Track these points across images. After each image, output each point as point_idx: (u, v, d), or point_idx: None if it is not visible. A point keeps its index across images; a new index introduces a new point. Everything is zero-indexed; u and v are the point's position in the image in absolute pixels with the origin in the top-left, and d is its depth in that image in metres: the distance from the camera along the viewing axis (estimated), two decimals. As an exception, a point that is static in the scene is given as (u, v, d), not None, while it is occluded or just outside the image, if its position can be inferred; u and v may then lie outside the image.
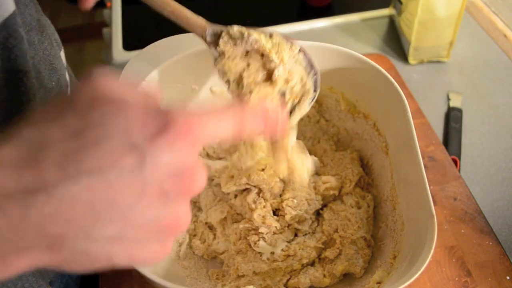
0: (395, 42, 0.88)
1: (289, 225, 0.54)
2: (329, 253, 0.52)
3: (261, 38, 0.43)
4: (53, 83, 0.47)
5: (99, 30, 1.03)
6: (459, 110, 0.75)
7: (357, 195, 0.57)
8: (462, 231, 0.58)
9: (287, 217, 0.53)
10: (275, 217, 0.54)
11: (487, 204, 0.63)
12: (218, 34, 0.43)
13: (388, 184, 0.53)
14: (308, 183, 0.56)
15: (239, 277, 0.52)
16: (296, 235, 0.55)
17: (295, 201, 0.53)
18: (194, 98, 0.60)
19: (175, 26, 0.45)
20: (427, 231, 0.41)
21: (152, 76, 0.53)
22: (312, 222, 0.56)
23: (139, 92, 0.26)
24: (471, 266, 0.55)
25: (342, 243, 0.52)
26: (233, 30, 0.43)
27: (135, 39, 0.91)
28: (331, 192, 0.56)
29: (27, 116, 0.24)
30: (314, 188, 0.56)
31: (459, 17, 0.77)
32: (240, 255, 0.53)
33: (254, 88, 0.45)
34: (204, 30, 0.43)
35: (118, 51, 0.88)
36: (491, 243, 0.57)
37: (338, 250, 0.52)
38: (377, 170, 0.57)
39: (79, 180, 0.22)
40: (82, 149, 0.22)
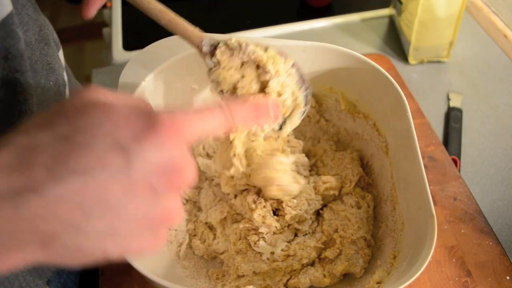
0: (395, 42, 0.88)
1: (289, 225, 0.54)
2: (329, 253, 0.52)
3: (258, 50, 0.44)
4: (51, 83, 0.47)
5: (99, 30, 1.03)
6: (459, 110, 0.75)
7: (357, 195, 0.57)
8: (462, 231, 0.58)
9: (287, 217, 0.53)
10: (275, 217, 0.54)
11: (487, 204, 0.63)
12: (215, 44, 0.44)
13: (388, 184, 0.54)
14: (308, 183, 0.56)
15: (239, 277, 0.52)
16: (296, 235, 0.55)
17: (295, 201, 0.53)
18: (194, 98, 0.60)
19: (175, 26, 0.45)
20: (427, 231, 0.41)
21: (151, 76, 0.53)
22: (312, 222, 0.56)
23: (126, 97, 0.27)
24: (471, 266, 0.55)
25: (342, 243, 0.52)
26: (231, 41, 0.44)
27: (135, 39, 0.91)
28: (331, 192, 0.56)
29: (20, 124, 0.25)
30: (314, 188, 0.56)
31: (459, 17, 0.77)
32: (240, 255, 0.53)
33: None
34: (201, 40, 0.44)
35: (118, 51, 0.88)
36: (491, 243, 0.57)
37: (338, 250, 0.52)
38: (377, 170, 0.57)
39: (67, 180, 0.23)
40: (70, 152, 0.23)
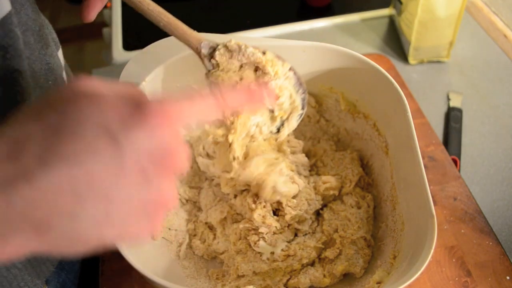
0: (395, 42, 0.88)
1: (289, 225, 0.54)
2: (329, 253, 0.52)
3: (257, 52, 0.44)
4: (50, 83, 0.47)
5: (99, 30, 1.03)
6: (459, 110, 0.75)
7: (357, 195, 0.57)
8: (462, 231, 0.58)
9: (287, 217, 0.53)
10: (275, 217, 0.54)
11: (487, 204, 0.63)
12: (214, 47, 0.44)
13: (388, 184, 0.53)
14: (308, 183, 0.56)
15: (239, 277, 0.52)
16: (296, 235, 0.55)
17: (295, 201, 0.53)
18: (194, 98, 0.60)
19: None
20: (427, 231, 0.41)
21: (152, 76, 0.53)
22: (312, 222, 0.56)
23: (117, 85, 0.27)
24: (471, 266, 0.55)
25: (342, 243, 0.52)
26: (231, 43, 0.44)
27: (135, 39, 0.91)
28: (331, 192, 0.56)
29: (10, 116, 0.25)
30: (314, 188, 0.56)
31: (459, 17, 0.77)
32: (240, 255, 0.53)
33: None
34: (199, 42, 0.44)
35: (118, 51, 0.88)
36: (491, 243, 0.57)
37: (338, 250, 0.52)
38: (377, 170, 0.57)
39: (58, 168, 0.23)
40: (60, 140, 0.24)
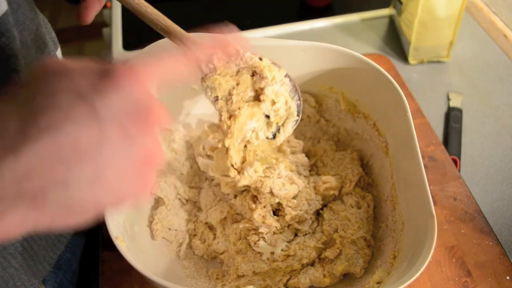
0: (395, 42, 0.88)
1: (289, 225, 0.54)
2: (329, 253, 0.52)
3: (254, 57, 0.45)
4: None
5: (99, 30, 1.03)
6: (459, 110, 0.75)
7: (357, 195, 0.57)
8: (462, 231, 0.58)
9: (287, 217, 0.53)
10: (275, 217, 0.54)
11: (487, 204, 0.63)
12: None
13: (388, 184, 0.53)
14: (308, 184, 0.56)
15: (239, 277, 0.52)
16: (296, 235, 0.55)
17: (295, 201, 0.53)
18: (194, 98, 0.60)
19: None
20: (427, 231, 0.41)
21: (152, 76, 0.53)
22: (312, 222, 0.56)
23: (81, 60, 0.28)
24: (471, 266, 0.55)
25: (342, 243, 0.52)
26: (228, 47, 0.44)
27: (135, 39, 0.91)
28: (331, 192, 0.56)
29: None
30: (314, 188, 0.56)
31: (459, 17, 0.77)
32: (240, 255, 0.53)
33: (243, 106, 0.47)
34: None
35: (118, 51, 0.88)
36: (491, 243, 0.57)
37: (338, 250, 0.52)
38: (377, 170, 0.57)
39: (41, 139, 0.24)
40: (37, 114, 0.24)
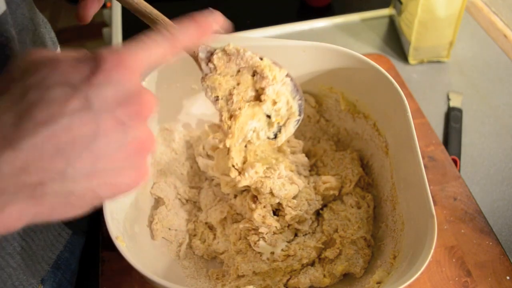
0: (395, 42, 0.88)
1: (289, 225, 0.54)
2: (329, 253, 0.52)
3: (255, 56, 0.44)
4: None
5: (99, 30, 1.03)
6: (459, 110, 0.75)
7: (357, 195, 0.57)
8: (462, 231, 0.58)
9: (287, 217, 0.53)
10: (275, 217, 0.54)
11: (487, 204, 0.63)
12: (212, 51, 0.44)
13: (388, 184, 0.53)
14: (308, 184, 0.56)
15: (239, 277, 0.52)
16: (296, 235, 0.55)
17: (295, 201, 0.53)
18: (194, 98, 0.60)
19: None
20: (427, 231, 0.41)
21: (152, 76, 0.53)
22: (312, 222, 0.56)
23: (68, 51, 0.28)
24: (471, 266, 0.55)
25: (342, 243, 0.52)
26: (229, 47, 0.44)
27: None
28: (331, 192, 0.56)
29: None
30: (314, 188, 0.56)
31: (459, 17, 0.77)
32: (240, 255, 0.53)
33: (243, 106, 0.47)
34: (197, 46, 0.44)
35: (118, 51, 0.88)
36: (491, 243, 0.57)
37: (338, 250, 0.52)
38: (377, 170, 0.57)
39: (37, 132, 0.24)
40: (31, 107, 0.25)
